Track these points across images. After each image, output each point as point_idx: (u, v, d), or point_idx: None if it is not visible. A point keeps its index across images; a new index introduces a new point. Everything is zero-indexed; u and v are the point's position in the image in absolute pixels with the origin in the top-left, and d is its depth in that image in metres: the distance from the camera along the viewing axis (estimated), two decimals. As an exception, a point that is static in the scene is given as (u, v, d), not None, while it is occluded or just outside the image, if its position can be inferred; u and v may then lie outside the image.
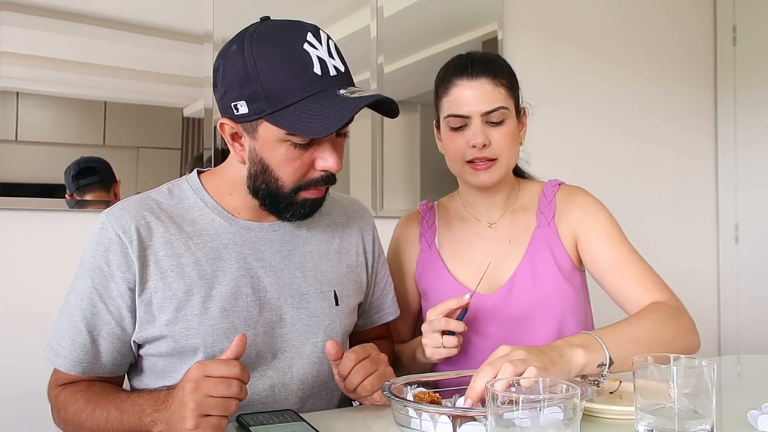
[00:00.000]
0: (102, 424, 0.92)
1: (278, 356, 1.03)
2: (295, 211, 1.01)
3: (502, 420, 0.69)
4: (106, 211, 1.00)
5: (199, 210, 1.03)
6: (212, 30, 1.80)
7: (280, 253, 1.06)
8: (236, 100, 0.94)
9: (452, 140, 1.22)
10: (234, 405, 0.81)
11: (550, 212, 1.27)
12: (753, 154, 2.91)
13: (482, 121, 1.18)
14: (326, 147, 0.97)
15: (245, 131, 0.97)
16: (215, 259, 1.00)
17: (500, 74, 1.21)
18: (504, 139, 1.19)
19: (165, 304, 0.97)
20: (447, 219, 1.33)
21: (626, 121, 2.73)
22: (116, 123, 1.70)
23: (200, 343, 0.97)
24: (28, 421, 1.56)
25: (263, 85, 0.91)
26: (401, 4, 2.17)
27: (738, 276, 2.94)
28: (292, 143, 0.94)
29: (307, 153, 0.96)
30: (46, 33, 1.62)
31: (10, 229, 1.59)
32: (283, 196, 0.99)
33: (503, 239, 1.28)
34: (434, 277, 1.28)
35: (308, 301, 1.06)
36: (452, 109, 1.20)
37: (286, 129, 0.91)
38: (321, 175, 0.99)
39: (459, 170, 1.24)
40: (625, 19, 2.76)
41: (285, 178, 0.97)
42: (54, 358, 0.98)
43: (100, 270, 0.97)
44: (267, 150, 0.96)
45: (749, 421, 0.88)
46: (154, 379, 1.02)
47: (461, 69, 1.21)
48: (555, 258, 1.24)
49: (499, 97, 1.19)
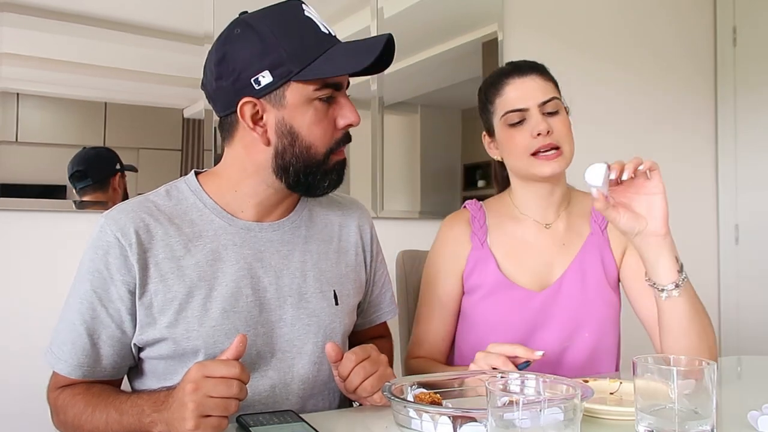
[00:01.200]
0: (102, 426, 0.92)
1: (279, 356, 1.03)
2: (330, 179, 1.04)
3: (502, 420, 0.69)
4: (104, 214, 0.99)
5: (198, 211, 1.03)
6: (212, 30, 1.80)
7: (279, 253, 1.06)
8: (256, 74, 0.95)
9: (512, 137, 1.25)
10: (234, 405, 0.81)
11: (604, 222, 1.32)
12: (753, 155, 2.91)
13: (540, 111, 1.23)
14: (344, 103, 1.01)
15: (270, 104, 0.98)
16: (215, 260, 1.00)
17: (546, 72, 1.29)
18: (564, 128, 1.25)
19: (166, 306, 0.96)
20: (498, 218, 1.35)
21: (626, 122, 2.73)
22: (116, 124, 1.70)
23: (201, 345, 0.97)
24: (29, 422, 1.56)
25: (285, 48, 0.94)
26: (401, 5, 2.17)
27: (738, 277, 2.94)
28: (319, 100, 0.98)
29: (330, 111, 1.00)
30: (47, 34, 1.62)
31: (10, 230, 1.59)
32: (318, 163, 1.01)
33: (557, 241, 1.31)
34: (485, 275, 1.30)
35: (308, 301, 1.06)
36: (509, 105, 1.25)
37: (322, 75, 0.95)
38: (344, 133, 1.03)
39: (525, 165, 1.26)
40: (625, 20, 2.76)
41: (317, 142, 0.99)
42: (55, 362, 0.98)
43: (100, 273, 0.96)
44: (296, 115, 0.98)
45: (749, 422, 0.88)
46: (155, 381, 1.02)
47: (509, 71, 1.29)
48: (604, 266, 1.30)
49: (550, 88, 1.27)
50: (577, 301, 1.27)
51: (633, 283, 1.29)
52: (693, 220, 2.94)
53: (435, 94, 2.28)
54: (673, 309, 1.08)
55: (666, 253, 1.06)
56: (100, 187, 1.69)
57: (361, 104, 2.09)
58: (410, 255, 1.58)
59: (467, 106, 2.31)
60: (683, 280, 1.07)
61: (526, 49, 2.44)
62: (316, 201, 1.17)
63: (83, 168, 1.66)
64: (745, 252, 2.93)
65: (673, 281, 1.06)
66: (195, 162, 1.81)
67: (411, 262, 1.57)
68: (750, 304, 2.89)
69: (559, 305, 1.27)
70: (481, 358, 1.06)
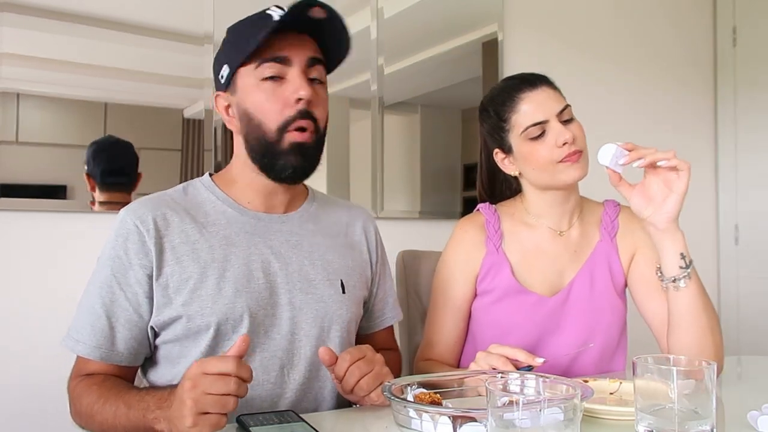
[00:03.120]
0: (110, 419, 0.94)
1: (288, 338, 1.06)
2: (287, 160, 1.04)
3: (502, 421, 0.69)
4: (124, 208, 1.05)
5: (211, 203, 1.10)
6: (212, 31, 1.80)
7: (288, 242, 1.11)
8: (221, 69, 1.07)
9: (537, 150, 1.25)
10: (231, 402, 0.81)
11: (613, 230, 1.34)
12: (753, 156, 2.91)
13: (558, 120, 1.24)
14: (295, 78, 1.03)
15: (230, 93, 1.07)
16: (227, 244, 1.05)
17: (551, 81, 1.29)
18: (581, 133, 1.27)
19: (181, 286, 1.01)
20: (512, 224, 1.35)
21: (626, 122, 2.72)
22: (116, 124, 1.70)
23: (213, 321, 1.00)
24: (29, 422, 1.56)
25: (236, 42, 1.05)
26: (401, 6, 2.17)
27: (738, 277, 2.94)
28: (268, 80, 1.03)
29: (280, 89, 1.03)
30: (47, 34, 1.62)
31: (10, 231, 1.59)
32: (271, 143, 1.04)
33: (570, 248, 1.33)
34: (499, 280, 1.31)
35: (316, 287, 1.10)
36: (529, 120, 1.25)
37: (249, 49, 1.01)
38: (298, 109, 1.03)
39: (551, 173, 1.26)
40: (625, 20, 2.76)
41: (265, 119, 1.03)
42: (73, 345, 1.01)
43: (119, 259, 1.01)
44: (247, 98, 1.05)
45: (749, 422, 0.88)
46: (169, 367, 1.05)
47: (519, 85, 1.28)
48: (612, 274, 1.32)
49: (561, 98, 1.27)
50: (587, 307, 1.29)
51: (640, 287, 1.31)
52: (693, 220, 2.93)
53: (435, 94, 2.28)
54: (675, 302, 1.13)
55: (667, 246, 1.12)
56: (129, 186, 1.70)
57: (361, 104, 2.09)
58: (410, 255, 1.58)
59: (467, 106, 2.31)
60: (684, 277, 1.11)
61: (526, 49, 2.45)
62: (322, 201, 1.21)
63: (118, 165, 1.68)
64: (745, 252, 2.93)
65: (672, 275, 1.12)
66: (195, 162, 1.81)
67: (411, 262, 1.57)
68: (750, 304, 2.89)
69: (569, 310, 1.29)
70: (482, 358, 1.07)
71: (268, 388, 1.03)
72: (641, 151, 1.08)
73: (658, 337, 1.28)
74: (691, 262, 1.13)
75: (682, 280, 1.12)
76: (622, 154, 1.08)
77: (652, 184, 1.11)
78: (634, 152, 1.08)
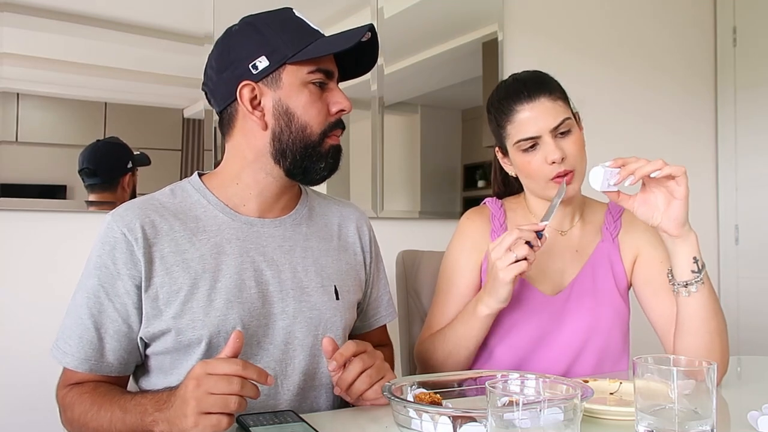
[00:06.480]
0: (106, 425, 0.93)
1: (281, 348, 1.04)
2: (326, 162, 1.06)
3: (502, 421, 0.69)
4: (111, 212, 1.02)
5: (202, 207, 1.06)
6: (212, 31, 1.80)
7: (281, 248, 1.08)
8: (254, 59, 1.01)
9: (528, 162, 1.25)
10: (234, 403, 0.80)
11: (616, 230, 1.34)
12: (753, 156, 2.91)
13: (552, 136, 1.22)
14: (336, 90, 1.06)
15: (267, 87, 1.03)
16: (218, 253, 1.03)
17: (553, 89, 1.25)
18: (575, 148, 1.24)
19: (171, 298, 0.98)
20: (516, 221, 1.35)
21: (626, 123, 2.73)
22: (116, 124, 1.70)
23: (205, 334, 0.98)
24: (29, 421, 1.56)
25: (281, 37, 1.02)
26: (401, 5, 2.17)
27: (738, 277, 2.94)
28: (314, 83, 1.03)
29: (323, 96, 1.05)
30: (47, 34, 1.62)
31: (10, 231, 1.59)
32: (313, 144, 1.04)
33: (571, 247, 1.33)
34: None
35: (309, 295, 1.08)
36: (521, 134, 1.24)
37: (315, 55, 1.01)
38: (337, 117, 1.07)
39: (542, 187, 1.26)
40: (625, 21, 2.76)
41: (312, 122, 1.03)
42: (61, 357, 0.99)
43: (107, 268, 0.98)
44: (292, 96, 1.02)
45: (749, 422, 0.88)
46: (161, 377, 1.03)
47: (517, 94, 1.25)
48: (614, 273, 1.32)
49: (560, 110, 1.24)
50: (588, 306, 1.28)
51: (644, 288, 1.31)
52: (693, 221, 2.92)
53: (435, 94, 2.28)
54: (685, 306, 1.12)
55: (679, 251, 1.11)
56: (109, 186, 1.69)
57: (361, 104, 2.09)
58: (410, 255, 1.58)
59: (467, 107, 2.31)
60: (696, 282, 1.10)
61: (526, 50, 2.45)
62: (315, 201, 1.19)
63: (93, 166, 1.66)
64: (745, 252, 2.93)
65: (684, 280, 1.11)
66: (195, 162, 1.81)
67: (411, 262, 1.57)
68: (750, 304, 2.89)
69: (570, 309, 1.28)
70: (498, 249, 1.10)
71: (262, 399, 1.00)
72: (630, 167, 1.05)
73: (662, 337, 1.28)
74: (703, 266, 1.12)
75: (694, 285, 1.11)
76: (612, 175, 1.05)
77: (652, 192, 1.10)
78: (624, 170, 1.05)
